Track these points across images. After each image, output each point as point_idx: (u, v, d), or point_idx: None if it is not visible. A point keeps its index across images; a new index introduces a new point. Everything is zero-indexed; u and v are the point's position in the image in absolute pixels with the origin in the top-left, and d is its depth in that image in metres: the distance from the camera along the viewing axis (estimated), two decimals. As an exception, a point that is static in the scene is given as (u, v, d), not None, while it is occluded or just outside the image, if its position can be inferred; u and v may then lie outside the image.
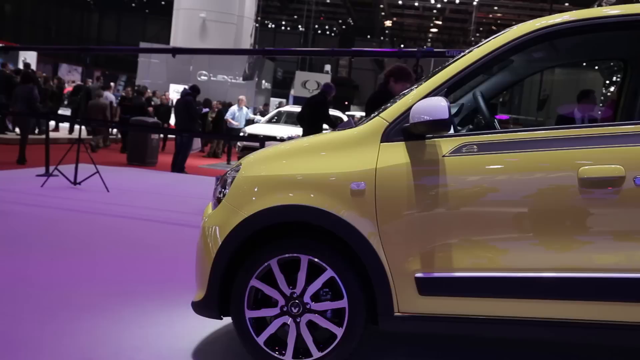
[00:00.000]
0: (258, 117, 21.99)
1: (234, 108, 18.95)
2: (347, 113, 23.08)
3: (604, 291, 2.99)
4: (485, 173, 3.08)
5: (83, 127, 15.78)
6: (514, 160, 3.07)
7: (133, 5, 50.04)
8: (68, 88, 26.26)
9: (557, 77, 27.41)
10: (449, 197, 3.07)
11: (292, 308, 3.22)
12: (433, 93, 3.20)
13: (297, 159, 3.36)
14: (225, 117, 18.77)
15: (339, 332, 3.20)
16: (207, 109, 19.88)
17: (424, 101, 3.09)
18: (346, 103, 37.25)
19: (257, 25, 34.87)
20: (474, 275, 3.06)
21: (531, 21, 3.43)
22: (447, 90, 3.25)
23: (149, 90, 22.10)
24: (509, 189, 3.06)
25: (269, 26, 52.66)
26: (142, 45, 29.30)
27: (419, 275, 3.09)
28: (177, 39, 28.11)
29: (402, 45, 50.65)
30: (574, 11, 3.54)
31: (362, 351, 3.60)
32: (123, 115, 18.10)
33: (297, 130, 14.86)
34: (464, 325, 3.15)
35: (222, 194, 3.44)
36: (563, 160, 3.02)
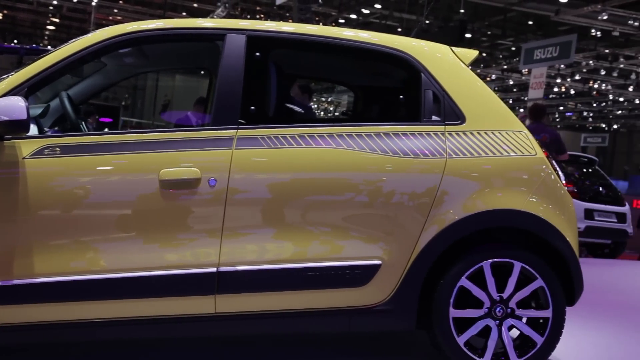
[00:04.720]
0: None
1: None
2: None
3: (179, 287, 3.13)
4: (67, 175, 3.05)
5: None
6: (97, 163, 3.08)
7: None
8: None
9: (179, 83, 28.34)
10: (28, 200, 2.97)
11: None
12: (12, 92, 3.07)
13: None
14: None
15: None
16: None
17: (0, 100, 2.94)
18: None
19: None
20: (36, 281, 2.98)
21: (123, 24, 3.47)
22: (29, 89, 3.14)
23: None
24: (91, 191, 3.07)
25: None
26: None
27: None
28: None
29: (15, 41, 47.18)
30: (169, 19, 3.68)
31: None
32: None
33: None
34: (32, 333, 3.05)
35: None
36: (146, 163, 3.12)
